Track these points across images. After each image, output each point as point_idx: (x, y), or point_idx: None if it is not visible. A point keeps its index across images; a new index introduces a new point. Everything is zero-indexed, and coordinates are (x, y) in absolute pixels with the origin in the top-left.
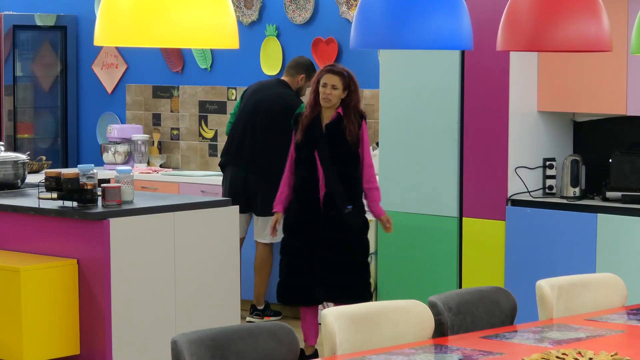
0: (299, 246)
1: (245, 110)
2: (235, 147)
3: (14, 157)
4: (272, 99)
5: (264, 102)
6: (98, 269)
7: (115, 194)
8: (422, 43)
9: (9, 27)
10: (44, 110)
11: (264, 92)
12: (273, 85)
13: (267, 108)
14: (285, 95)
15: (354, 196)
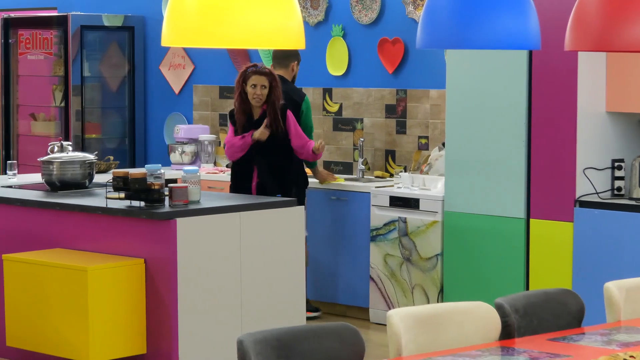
0: None
1: None
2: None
3: (81, 157)
4: None
5: None
6: (165, 268)
7: (183, 194)
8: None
9: (77, 27)
10: (112, 110)
11: None
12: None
13: None
14: (289, 92)
15: (284, 185)
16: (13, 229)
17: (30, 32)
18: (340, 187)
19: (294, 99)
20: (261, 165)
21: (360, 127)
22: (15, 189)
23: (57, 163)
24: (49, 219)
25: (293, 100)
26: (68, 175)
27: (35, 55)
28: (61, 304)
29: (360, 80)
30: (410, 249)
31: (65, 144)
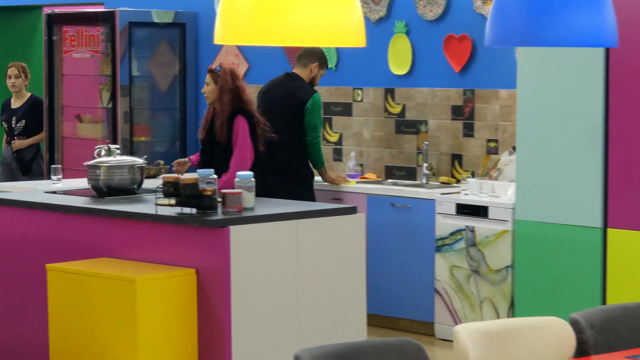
0: None
1: (263, 112)
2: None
3: (130, 161)
4: (283, 96)
5: (275, 101)
6: (217, 279)
7: (236, 200)
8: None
9: (125, 24)
10: (162, 111)
11: (274, 90)
12: (282, 81)
13: (279, 106)
14: (295, 89)
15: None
16: (57, 237)
17: (75, 28)
18: (403, 193)
19: (298, 96)
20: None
21: (425, 130)
22: (60, 194)
23: (104, 167)
24: (95, 227)
25: (297, 97)
26: (116, 181)
27: (81, 54)
28: (108, 317)
29: (424, 80)
30: (479, 260)
31: (113, 147)
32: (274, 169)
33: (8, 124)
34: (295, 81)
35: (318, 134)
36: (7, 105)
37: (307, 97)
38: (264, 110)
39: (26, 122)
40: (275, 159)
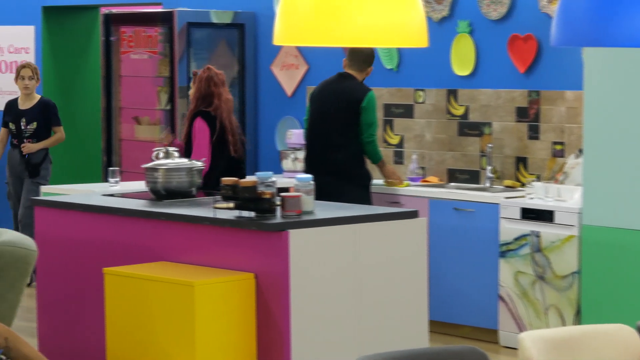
0: None
1: (314, 114)
2: (315, 153)
3: (188, 164)
4: (337, 96)
5: (329, 102)
6: (277, 283)
7: (295, 204)
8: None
9: (183, 24)
10: None
11: (327, 91)
12: (335, 81)
13: (334, 107)
14: (349, 89)
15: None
16: (115, 240)
17: (133, 29)
18: (466, 197)
19: (353, 95)
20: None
21: (489, 132)
22: (118, 197)
23: (162, 170)
24: (153, 230)
25: (352, 96)
26: (174, 183)
27: (139, 55)
28: (166, 321)
29: (488, 81)
30: (544, 266)
31: (171, 150)
32: (330, 171)
33: (16, 126)
34: (348, 81)
35: (373, 132)
36: (13, 106)
37: (362, 95)
38: (317, 111)
39: (37, 125)
40: (331, 160)
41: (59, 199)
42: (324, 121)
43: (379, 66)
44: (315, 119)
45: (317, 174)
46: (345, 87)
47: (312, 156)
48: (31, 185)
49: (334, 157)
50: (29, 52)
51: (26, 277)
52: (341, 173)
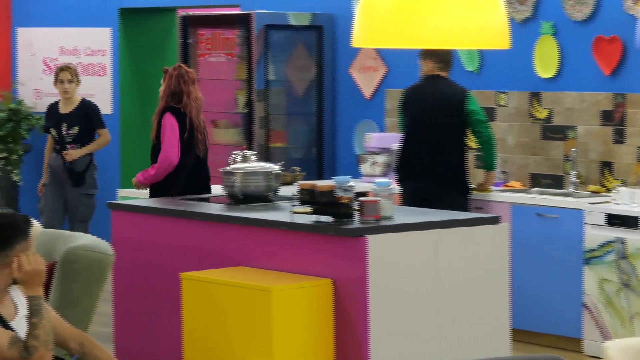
0: None
1: (411, 119)
2: (413, 160)
3: (266, 168)
4: (435, 98)
5: (426, 104)
6: (355, 290)
7: (374, 209)
8: None
9: (261, 26)
10: (298, 117)
11: (424, 94)
12: (430, 83)
13: (436, 110)
14: (447, 89)
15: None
16: (192, 245)
17: (211, 31)
18: (549, 202)
19: (453, 95)
20: None
21: (573, 136)
22: (195, 201)
23: (239, 174)
24: (230, 235)
25: (453, 97)
26: (251, 187)
27: (217, 57)
28: (243, 327)
29: (572, 83)
30: (630, 273)
31: (249, 154)
32: (431, 176)
33: (57, 132)
34: (442, 82)
35: (488, 126)
36: (54, 111)
37: (462, 94)
38: (413, 115)
39: (79, 129)
40: (433, 165)
41: (136, 203)
42: (423, 125)
43: (460, 68)
44: (414, 123)
45: (415, 180)
46: (442, 89)
47: (410, 161)
48: (81, 197)
49: (437, 162)
50: (105, 55)
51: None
52: (444, 179)
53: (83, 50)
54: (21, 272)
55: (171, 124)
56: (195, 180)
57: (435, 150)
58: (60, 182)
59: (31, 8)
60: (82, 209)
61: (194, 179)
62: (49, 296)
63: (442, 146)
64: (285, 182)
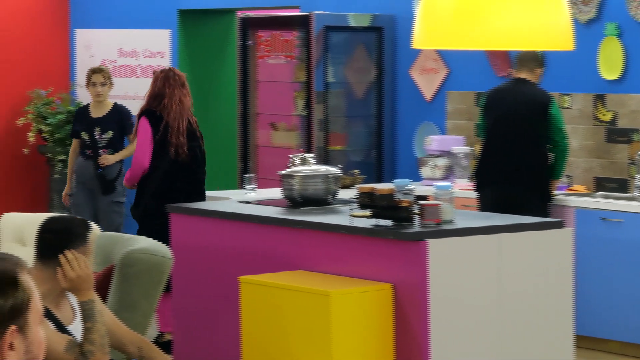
0: None
1: (494, 122)
2: (496, 164)
3: (324, 171)
4: (518, 102)
5: (512, 108)
6: (415, 295)
7: (434, 213)
8: None
9: (321, 28)
10: (357, 119)
11: (508, 97)
12: (514, 86)
13: (519, 114)
14: (531, 94)
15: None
16: (251, 248)
17: (270, 33)
18: (614, 207)
19: (537, 100)
20: None
21: (638, 139)
22: (254, 204)
23: (298, 177)
24: (289, 238)
25: (537, 102)
26: (310, 191)
27: (276, 59)
28: (302, 331)
29: (637, 86)
30: None
31: (308, 156)
32: (513, 181)
33: (90, 136)
34: (527, 86)
35: (565, 136)
36: (84, 115)
37: (547, 100)
38: (494, 118)
39: (113, 134)
40: (516, 169)
41: (195, 206)
42: (506, 130)
43: None
44: (495, 126)
45: (494, 185)
46: (526, 92)
47: (490, 166)
48: (112, 205)
49: (518, 167)
50: (164, 57)
51: (161, 286)
52: (525, 185)
53: (142, 52)
54: (67, 281)
55: (144, 127)
56: (172, 183)
57: (517, 154)
58: (90, 190)
59: (90, 9)
60: (113, 217)
61: (170, 183)
62: (107, 299)
63: (524, 151)
64: (344, 185)
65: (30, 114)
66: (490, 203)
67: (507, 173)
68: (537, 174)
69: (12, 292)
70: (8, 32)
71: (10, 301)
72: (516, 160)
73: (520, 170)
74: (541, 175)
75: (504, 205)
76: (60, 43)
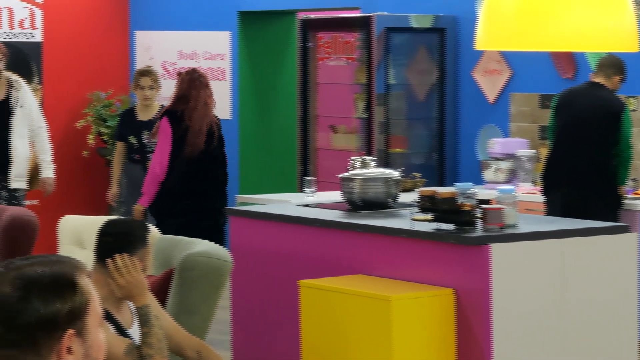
0: None
1: (565, 125)
2: (565, 166)
3: (385, 174)
4: (591, 106)
5: (584, 112)
6: (477, 300)
7: (497, 217)
8: None
9: (382, 29)
10: (419, 121)
11: (581, 100)
12: (588, 90)
13: (589, 118)
14: (605, 100)
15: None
16: (310, 252)
17: (330, 35)
18: None
19: (611, 107)
20: None
21: None
22: (313, 208)
23: (358, 180)
24: (349, 242)
25: (610, 108)
26: (370, 194)
27: (336, 61)
28: (362, 336)
29: None
30: None
31: (368, 159)
32: (581, 186)
33: (138, 140)
34: (602, 91)
35: (630, 146)
36: (130, 117)
37: (619, 108)
38: (564, 120)
39: None
40: (584, 175)
41: (254, 209)
42: (576, 133)
43: (588, 70)
44: (565, 130)
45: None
46: (600, 97)
47: (559, 169)
48: None
49: (588, 172)
50: (224, 59)
51: (220, 289)
52: (594, 190)
53: (202, 54)
54: (119, 290)
55: (162, 128)
56: (189, 183)
57: (585, 158)
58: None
59: (150, 11)
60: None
61: (187, 183)
62: (166, 303)
63: (592, 155)
64: (405, 188)
65: (90, 116)
66: (557, 207)
67: (574, 177)
68: (605, 179)
69: (71, 295)
70: (68, 34)
71: (68, 304)
72: (584, 165)
73: (587, 175)
74: (609, 180)
75: (571, 209)
76: (120, 45)
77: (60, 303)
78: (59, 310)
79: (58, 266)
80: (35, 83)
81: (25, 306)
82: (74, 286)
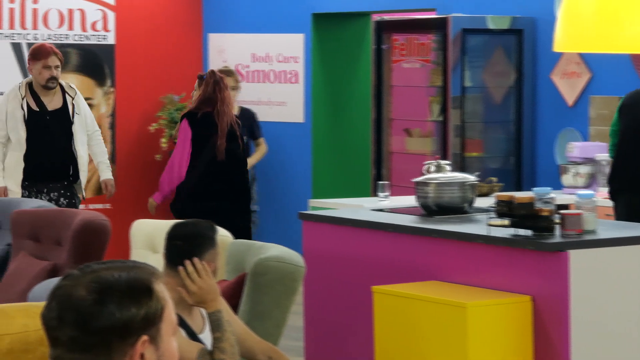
0: None
1: (627, 128)
2: (629, 170)
3: (461, 178)
4: None
5: None
6: (555, 308)
7: (576, 222)
8: None
9: (458, 31)
10: (495, 125)
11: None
12: None
13: None
14: None
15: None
16: (384, 257)
17: (405, 36)
18: None
19: None
20: None
21: None
22: (387, 212)
23: (433, 185)
24: (423, 248)
25: None
26: (445, 199)
27: (411, 63)
28: (437, 343)
29: None
30: None
31: (443, 163)
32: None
33: None
34: None
35: None
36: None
37: None
38: (630, 125)
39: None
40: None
41: (327, 214)
42: (634, 133)
43: None
44: (629, 133)
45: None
46: None
47: (625, 172)
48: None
49: None
50: (298, 62)
51: (293, 294)
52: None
53: (275, 57)
54: (192, 297)
55: (181, 129)
56: (209, 184)
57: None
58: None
59: (223, 14)
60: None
61: (207, 183)
62: (238, 308)
63: None
64: (482, 193)
65: (163, 119)
66: (624, 213)
67: (636, 181)
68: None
69: (146, 301)
70: (141, 37)
71: (143, 310)
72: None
73: None
74: None
75: (633, 214)
76: (193, 48)
77: (136, 308)
78: (134, 315)
79: (134, 271)
80: (108, 86)
81: (100, 310)
82: (150, 292)
